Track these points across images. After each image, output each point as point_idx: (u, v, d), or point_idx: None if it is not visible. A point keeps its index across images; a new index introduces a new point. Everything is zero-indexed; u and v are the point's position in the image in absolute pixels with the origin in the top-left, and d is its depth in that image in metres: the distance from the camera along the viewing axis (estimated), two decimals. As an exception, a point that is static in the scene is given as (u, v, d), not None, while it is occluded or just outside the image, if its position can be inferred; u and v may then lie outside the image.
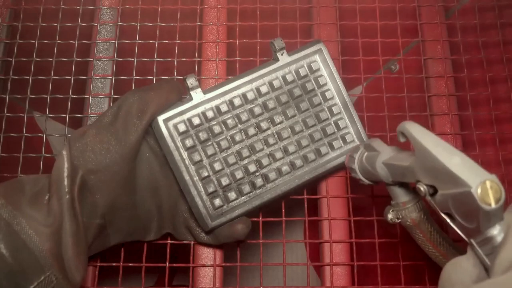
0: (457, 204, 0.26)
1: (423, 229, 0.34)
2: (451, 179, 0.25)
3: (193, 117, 0.42)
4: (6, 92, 0.49)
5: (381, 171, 0.34)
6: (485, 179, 0.24)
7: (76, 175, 0.37)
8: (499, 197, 0.24)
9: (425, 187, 0.29)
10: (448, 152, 0.26)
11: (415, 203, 0.35)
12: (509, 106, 0.50)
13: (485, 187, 0.24)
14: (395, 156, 0.33)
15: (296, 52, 0.44)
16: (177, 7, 0.52)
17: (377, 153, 0.35)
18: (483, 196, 0.24)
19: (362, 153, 0.38)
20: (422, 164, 0.28)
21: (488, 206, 0.24)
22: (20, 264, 0.34)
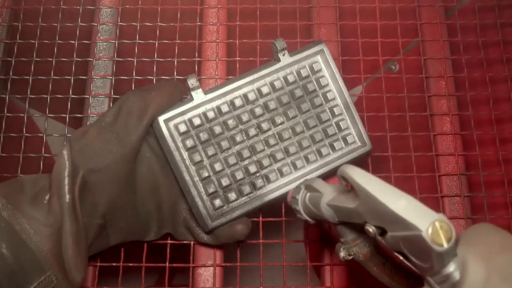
0: (409, 245, 0.25)
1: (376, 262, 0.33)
2: (399, 223, 0.25)
3: (193, 118, 0.42)
4: (6, 92, 0.49)
5: (326, 212, 0.33)
6: (434, 220, 0.23)
7: (76, 175, 0.37)
8: (450, 236, 0.23)
9: (374, 228, 0.28)
10: (393, 196, 0.26)
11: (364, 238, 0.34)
12: (509, 106, 0.50)
13: (435, 228, 0.23)
14: (339, 198, 0.32)
15: (298, 52, 0.44)
16: (177, 7, 0.52)
17: (320, 194, 0.34)
18: (434, 238, 0.23)
19: (305, 194, 0.37)
20: (368, 208, 0.27)
21: (441, 247, 0.23)
22: (20, 264, 0.33)
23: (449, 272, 0.25)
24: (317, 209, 0.34)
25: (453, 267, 0.25)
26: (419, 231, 0.23)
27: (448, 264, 0.25)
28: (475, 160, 0.48)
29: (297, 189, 0.38)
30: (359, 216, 0.29)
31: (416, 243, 0.24)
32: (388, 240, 0.26)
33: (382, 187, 0.26)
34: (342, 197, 0.32)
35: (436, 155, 0.49)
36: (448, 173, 0.48)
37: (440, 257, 0.24)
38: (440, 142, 0.49)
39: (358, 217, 0.29)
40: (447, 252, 0.23)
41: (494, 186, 0.49)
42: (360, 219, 0.29)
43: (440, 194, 0.47)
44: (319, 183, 0.35)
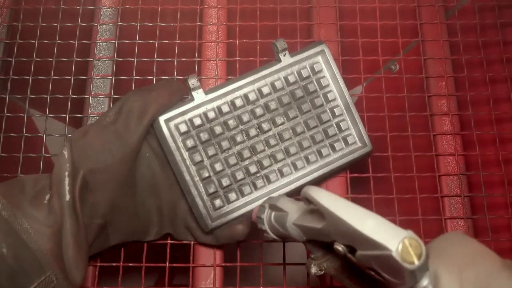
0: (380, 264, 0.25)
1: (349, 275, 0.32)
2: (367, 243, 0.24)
3: (194, 118, 0.42)
4: (6, 92, 0.49)
5: (293, 231, 0.33)
6: (403, 238, 0.23)
7: (77, 175, 0.37)
8: (420, 252, 0.23)
9: (343, 247, 0.27)
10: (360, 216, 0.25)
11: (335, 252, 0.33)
12: (509, 106, 0.50)
13: (404, 246, 0.23)
14: (305, 217, 0.32)
15: (299, 53, 0.44)
16: (177, 7, 0.52)
17: (285, 213, 0.34)
18: (405, 256, 0.23)
19: (269, 213, 0.36)
20: (335, 228, 0.27)
21: (412, 265, 0.23)
22: (20, 264, 0.33)
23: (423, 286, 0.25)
24: (284, 229, 0.34)
25: (426, 281, 0.24)
26: (388, 250, 0.23)
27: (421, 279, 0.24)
28: (475, 160, 0.48)
29: (261, 208, 0.38)
30: (327, 236, 0.28)
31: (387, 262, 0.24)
32: (359, 258, 0.26)
33: (347, 208, 0.26)
34: (308, 216, 0.31)
35: (436, 155, 0.49)
36: (448, 173, 0.48)
37: (412, 274, 0.24)
38: (440, 142, 0.49)
39: (326, 236, 0.29)
40: (419, 268, 0.23)
41: (494, 186, 0.49)
42: (329, 238, 0.28)
43: (440, 194, 0.48)
44: (283, 202, 0.35)
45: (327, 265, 0.32)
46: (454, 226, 0.46)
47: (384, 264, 0.24)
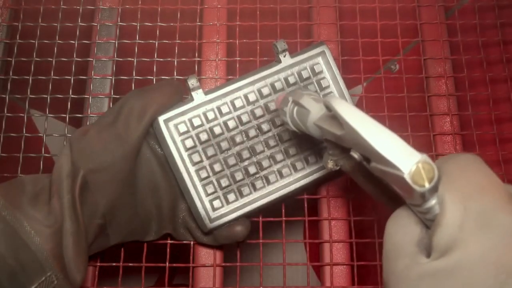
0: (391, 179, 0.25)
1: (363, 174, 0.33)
2: (382, 160, 0.25)
3: (194, 118, 0.42)
4: (6, 92, 0.49)
5: (314, 131, 0.33)
6: (417, 161, 0.23)
7: (77, 175, 0.37)
8: (432, 176, 0.23)
9: (359, 155, 0.28)
10: (378, 133, 0.25)
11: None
12: (509, 106, 0.50)
13: (417, 169, 0.23)
14: (326, 120, 0.32)
15: (299, 54, 0.44)
16: (177, 7, 0.52)
17: (307, 111, 0.34)
18: (416, 179, 0.23)
19: (292, 107, 0.36)
20: (352, 140, 0.27)
21: (422, 187, 0.23)
22: (21, 264, 0.34)
23: (430, 206, 0.25)
24: (304, 126, 0.34)
25: (434, 201, 0.25)
26: (401, 171, 0.23)
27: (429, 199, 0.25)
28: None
29: (285, 100, 0.37)
30: (344, 142, 0.29)
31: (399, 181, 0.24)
32: (373, 169, 0.26)
33: (366, 123, 0.26)
34: (330, 120, 0.31)
35: (436, 155, 0.49)
36: (448, 173, 0.48)
37: (422, 195, 0.24)
38: (440, 142, 0.49)
39: (344, 143, 0.29)
40: (429, 191, 0.23)
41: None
42: (346, 145, 0.29)
43: (440, 194, 0.47)
44: (306, 100, 0.34)
45: (343, 162, 0.33)
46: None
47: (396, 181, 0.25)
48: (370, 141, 0.25)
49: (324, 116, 0.32)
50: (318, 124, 0.32)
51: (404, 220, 0.27)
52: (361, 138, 0.26)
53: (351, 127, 0.27)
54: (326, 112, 0.32)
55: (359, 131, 0.26)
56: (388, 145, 0.25)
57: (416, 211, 0.26)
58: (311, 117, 0.33)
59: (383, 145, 0.25)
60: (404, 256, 0.26)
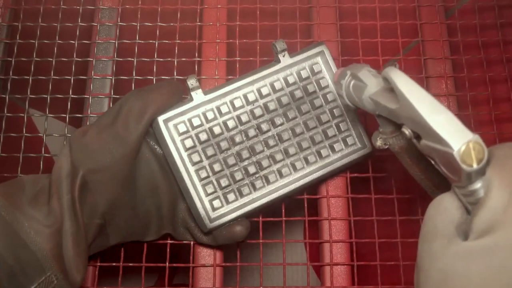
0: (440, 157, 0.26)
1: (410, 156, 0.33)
2: (433, 136, 0.25)
3: (193, 118, 0.42)
4: (6, 92, 0.49)
5: (367, 105, 0.34)
6: (468, 140, 0.24)
7: (76, 175, 0.37)
8: (482, 158, 0.24)
9: (410, 131, 0.28)
10: (432, 109, 0.26)
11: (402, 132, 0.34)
12: (509, 106, 0.50)
13: (467, 148, 0.23)
14: (382, 94, 0.32)
15: (298, 54, 0.44)
16: (177, 7, 0.52)
17: (364, 85, 0.34)
18: (465, 158, 0.23)
19: (349, 80, 0.36)
20: (406, 114, 0.28)
21: (470, 167, 0.23)
22: (20, 264, 0.34)
23: (475, 188, 0.25)
24: (359, 99, 0.34)
25: (479, 184, 0.25)
26: (451, 149, 0.24)
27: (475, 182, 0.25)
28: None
29: (343, 73, 0.37)
30: (397, 118, 0.29)
31: (447, 158, 0.24)
32: (422, 146, 0.27)
33: (423, 98, 0.27)
34: (385, 94, 0.32)
35: (436, 155, 0.49)
36: (448, 173, 0.48)
37: (469, 175, 0.24)
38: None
39: (397, 118, 0.29)
40: (476, 171, 0.24)
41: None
42: (399, 120, 0.29)
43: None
44: (364, 74, 0.35)
45: (392, 141, 0.33)
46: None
47: (444, 159, 0.25)
48: (424, 115, 0.26)
49: (380, 91, 0.33)
50: (374, 98, 0.33)
51: (446, 204, 0.27)
52: (416, 112, 0.26)
53: (407, 100, 0.27)
54: (383, 86, 0.33)
55: (414, 104, 0.26)
56: (442, 121, 0.25)
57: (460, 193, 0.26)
58: (368, 91, 0.33)
59: (437, 121, 0.25)
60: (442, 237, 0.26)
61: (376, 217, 0.46)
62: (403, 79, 0.28)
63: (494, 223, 0.23)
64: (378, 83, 0.33)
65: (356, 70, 0.35)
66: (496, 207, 0.24)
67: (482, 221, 0.24)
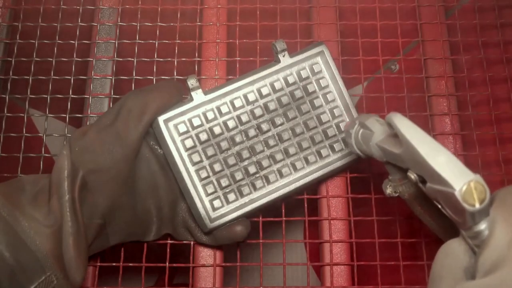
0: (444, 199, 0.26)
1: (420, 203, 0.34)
2: (436, 177, 0.26)
3: (193, 118, 0.42)
4: (6, 92, 0.49)
5: (375, 151, 0.35)
6: (469, 180, 0.24)
7: (76, 175, 0.37)
8: (484, 198, 0.24)
9: (416, 175, 0.29)
10: (433, 150, 0.26)
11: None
12: (509, 106, 0.50)
13: (469, 188, 0.24)
14: (388, 140, 0.33)
15: (298, 54, 0.44)
16: (177, 7, 0.52)
17: (371, 132, 0.35)
18: (467, 198, 0.24)
19: (358, 129, 0.38)
20: (410, 157, 0.28)
21: (472, 207, 0.24)
22: (20, 264, 0.34)
23: (479, 230, 0.25)
24: (367, 147, 0.35)
25: (484, 225, 0.25)
26: (453, 189, 0.24)
27: (480, 223, 0.25)
28: (475, 160, 0.48)
29: (352, 123, 0.39)
30: (403, 162, 0.30)
31: (450, 199, 0.25)
32: (428, 190, 0.27)
33: (424, 140, 0.27)
34: (390, 140, 0.33)
35: (436, 155, 0.49)
36: (448, 173, 0.48)
37: (472, 215, 0.24)
38: (440, 142, 0.49)
39: (402, 162, 0.30)
40: (479, 212, 0.24)
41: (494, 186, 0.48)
42: (404, 164, 0.30)
43: (440, 194, 0.47)
44: (371, 122, 0.36)
45: (402, 189, 0.35)
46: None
47: (448, 201, 0.25)
48: (425, 156, 0.26)
49: (386, 137, 0.34)
50: (380, 144, 0.34)
51: (454, 248, 0.27)
52: (418, 154, 0.27)
53: (409, 143, 0.28)
54: (388, 132, 0.34)
55: (416, 146, 0.27)
56: (443, 162, 0.26)
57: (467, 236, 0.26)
58: (374, 138, 0.35)
59: (438, 162, 0.26)
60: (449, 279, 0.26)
61: (376, 217, 0.46)
62: (405, 123, 0.29)
63: (500, 260, 0.23)
64: (384, 130, 0.34)
65: (364, 119, 0.37)
66: (500, 244, 0.24)
67: (487, 259, 0.24)
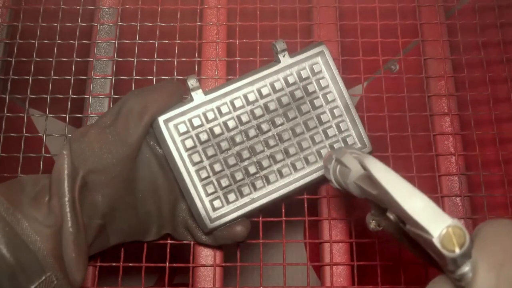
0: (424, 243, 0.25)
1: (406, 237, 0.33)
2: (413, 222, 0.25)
3: (193, 118, 0.42)
4: (6, 92, 0.49)
5: (354, 189, 0.33)
6: (447, 225, 0.23)
7: (76, 175, 0.37)
8: (463, 242, 0.23)
9: (395, 216, 0.28)
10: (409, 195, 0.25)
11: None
12: (509, 106, 0.50)
13: (447, 234, 0.23)
14: (365, 179, 0.32)
15: (298, 54, 0.44)
16: (177, 7, 0.52)
17: (348, 170, 0.34)
18: (446, 244, 0.23)
19: (335, 166, 0.36)
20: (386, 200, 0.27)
21: (452, 253, 0.23)
22: (21, 264, 0.34)
23: (463, 272, 0.24)
24: (346, 185, 0.34)
25: (467, 268, 0.24)
26: (430, 236, 0.23)
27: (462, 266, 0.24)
28: (475, 160, 0.48)
29: (329, 158, 0.37)
30: (381, 202, 0.29)
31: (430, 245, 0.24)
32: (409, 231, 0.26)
33: (399, 185, 0.26)
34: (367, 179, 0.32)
35: (436, 155, 0.49)
36: (448, 173, 0.48)
37: (453, 260, 0.24)
38: (440, 142, 0.49)
39: (381, 202, 0.29)
40: (460, 256, 0.23)
41: (494, 186, 0.49)
42: (383, 205, 0.29)
43: (440, 194, 0.48)
44: (348, 158, 0.35)
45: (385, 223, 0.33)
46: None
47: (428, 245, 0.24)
48: (401, 202, 0.25)
49: (363, 176, 0.32)
50: (358, 182, 0.32)
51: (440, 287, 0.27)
52: (393, 200, 0.26)
53: (383, 188, 0.27)
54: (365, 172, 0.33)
55: (391, 192, 0.26)
56: (419, 207, 0.24)
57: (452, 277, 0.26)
58: (352, 175, 0.33)
59: (414, 207, 0.25)
60: None
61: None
62: (378, 166, 0.28)
63: None
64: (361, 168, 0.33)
65: (340, 155, 0.35)
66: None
67: None
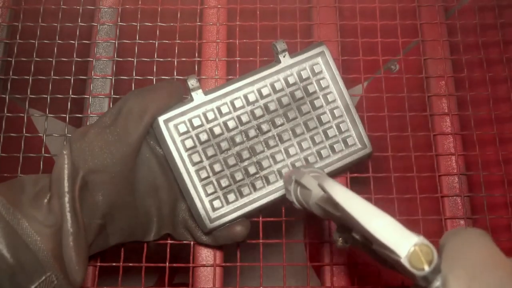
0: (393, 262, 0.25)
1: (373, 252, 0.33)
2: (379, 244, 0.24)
3: (193, 118, 0.42)
4: (6, 92, 0.49)
5: (316, 211, 0.33)
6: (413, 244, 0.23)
7: (76, 175, 0.37)
8: (431, 259, 0.23)
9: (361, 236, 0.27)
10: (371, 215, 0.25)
11: None
12: (509, 106, 0.50)
13: (415, 252, 0.23)
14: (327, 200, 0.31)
15: (298, 54, 0.44)
16: (177, 7, 0.52)
17: (309, 191, 0.33)
18: (414, 262, 0.23)
19: (296, 187, 0.36)
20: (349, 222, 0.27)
21: (421, 271, 0.22)
22: (21, 264, 0.34)
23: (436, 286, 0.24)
24: (308, 206, 0.34)
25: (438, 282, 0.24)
26: (398, 256, 0.23)
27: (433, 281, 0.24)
28: (475, 160, 0.48)
29: (289, 179, 0.37)
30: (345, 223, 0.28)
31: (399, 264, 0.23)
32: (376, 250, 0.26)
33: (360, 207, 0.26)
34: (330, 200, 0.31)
35: (436, 155, 0.49)
36: (448, 173, 0.48)
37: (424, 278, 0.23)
38: (440, 142, 0.49)
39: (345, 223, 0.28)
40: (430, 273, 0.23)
41: (494, 186, 0.49)
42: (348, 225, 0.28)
43: (440, 194, 0.48)
44: (307, 179, 0.34)
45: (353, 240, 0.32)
46: (454, 226, 0.46)
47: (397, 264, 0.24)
48: (365, 225, 0.25)
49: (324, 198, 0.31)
50: (319, 204, 0.32)
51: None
52: (356, 222, 0.25)
53: (345, 211, 0.26)
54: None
55: (353, 214, 0.25)
56: (382, 228, 0.24)
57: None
58: (313, 196, 0.33)
59: (378, 228, 0.24)
60: None
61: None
62: (337, 189, 0.27)
63: None
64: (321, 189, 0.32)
65: (299, 177, 0.35)
66: None
67: None
